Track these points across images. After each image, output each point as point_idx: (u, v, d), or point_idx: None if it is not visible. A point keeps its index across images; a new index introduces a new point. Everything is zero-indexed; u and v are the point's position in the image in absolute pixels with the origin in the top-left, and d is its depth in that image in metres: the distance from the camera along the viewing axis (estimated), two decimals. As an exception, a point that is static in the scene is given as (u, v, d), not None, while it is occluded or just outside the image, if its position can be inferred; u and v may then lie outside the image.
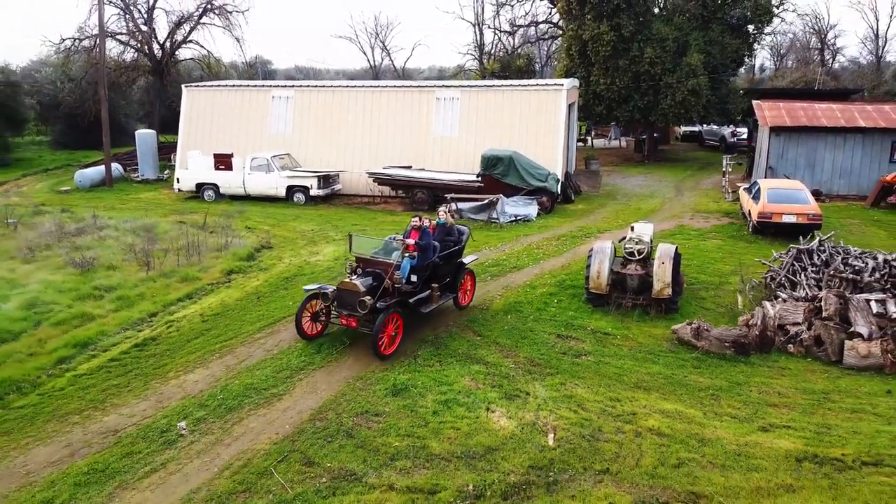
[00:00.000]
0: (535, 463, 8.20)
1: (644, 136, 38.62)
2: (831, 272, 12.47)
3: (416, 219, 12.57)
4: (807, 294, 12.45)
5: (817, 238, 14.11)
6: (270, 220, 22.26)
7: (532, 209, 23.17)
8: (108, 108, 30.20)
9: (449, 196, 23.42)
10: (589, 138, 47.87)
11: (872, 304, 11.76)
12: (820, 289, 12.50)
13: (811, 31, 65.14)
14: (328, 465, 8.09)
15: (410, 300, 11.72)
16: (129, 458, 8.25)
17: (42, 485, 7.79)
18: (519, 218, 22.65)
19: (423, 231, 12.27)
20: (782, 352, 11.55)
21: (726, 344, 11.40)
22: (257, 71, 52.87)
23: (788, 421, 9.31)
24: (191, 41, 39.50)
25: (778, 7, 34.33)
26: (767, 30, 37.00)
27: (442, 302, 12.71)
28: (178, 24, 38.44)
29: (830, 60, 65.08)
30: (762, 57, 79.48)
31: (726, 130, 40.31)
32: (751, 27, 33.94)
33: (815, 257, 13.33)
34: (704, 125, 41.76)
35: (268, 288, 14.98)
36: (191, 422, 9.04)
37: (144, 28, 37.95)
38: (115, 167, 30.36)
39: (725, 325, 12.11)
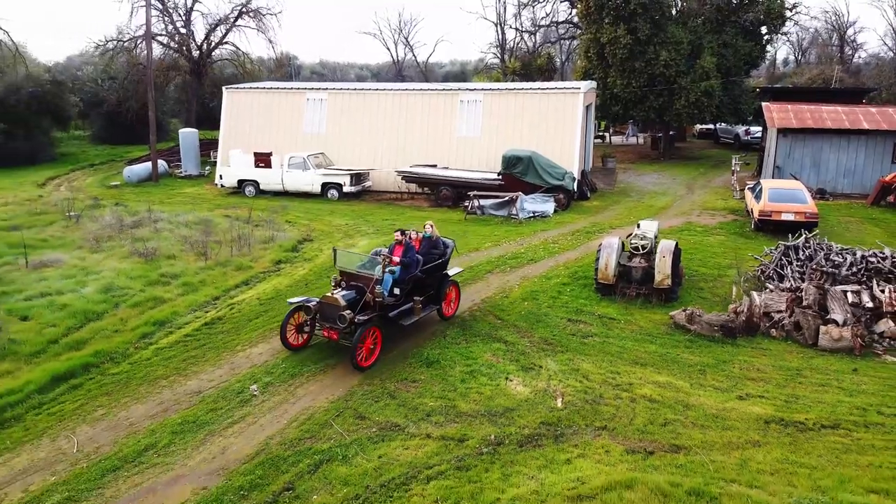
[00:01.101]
0: (545, 420, 9.94)
1: (660, 134, 39.98)
2: (813, 266, 14.03)
3: (399, 233, 13.02)
4: (791, 285, 14.03)
5: (803, 235, 15.66)
6: (308, 215, 24.12)
7: (549, 206, 24.76)
8: (144, 105, 32.15)
9: (472, 193, 25.11)
10: (607, 135, 49.16)
11: (849, 294, 13.33)
12: (804, 281, 14.06)
13: (831, 27, 65.71)
14: (376, 419, 9.91)
15: (391, 314, 12.11)
16: (214, 412, 10.12)
17: (144, 433, 9.67)
18: (537, 214, 24.27)
19: (407, 246, 12.70)
20: (766, 336, 13.17)
21: (715, 328, 13.05)
22: (290, 70, 54.78)
23: (763, 392, 10.95)
24: (226, 42, 41.57)
25: (791, 10, 35.53)
26: (783, 29, 38.06)
27: (425, 314, 13.01)
28: (215, 27, 40.51)
29: (850, 57, 65.61)
30: (785, 51, 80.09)
31: (740, 129, 41.55)
32: (764, 29, 35.12)
33: (801, 253, 14.88)
34: (720, 124, 42.96)
35: (313, 276, 16.83)
36: (261, 385, 10.90)
37: (183, 30, 39.99)
38: (160, 163, 32.44)
39: (716, 312, 13.74)
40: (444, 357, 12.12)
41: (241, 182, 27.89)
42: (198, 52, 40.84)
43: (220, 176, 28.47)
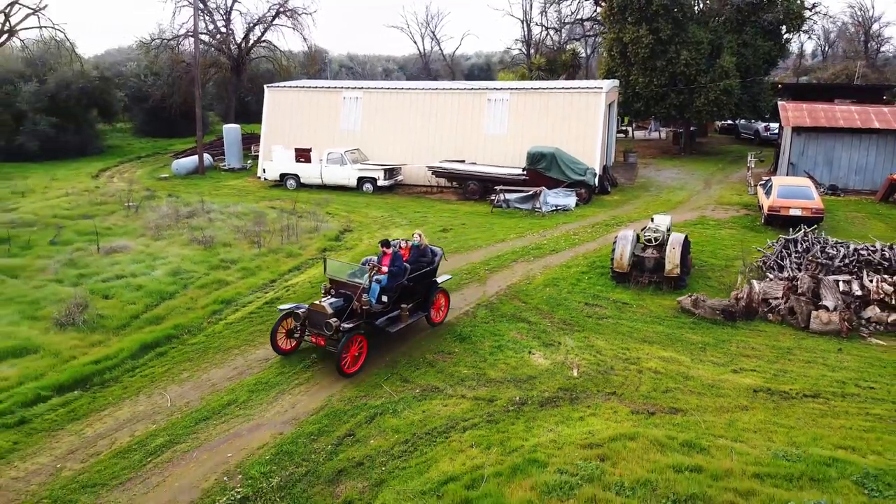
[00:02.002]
0: (563, 386, 11.61)
1: (681, 130, 41.19)
2: (809, 258, 15.47)
3: (384, 244, 13.32)
4: (789, 275, 15.49)
5: (802, 230, 17.08)
6: (346, 207, 25.92)
7: (571, 200, 26.29)
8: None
9: (498, 187, 26.72)
10: (630, 129, 50.35)
11: (840, 283, 14.78)
12: (801, 271, 15.52)
13: (856, 22, 66.04)
14: (419, 382, 11.65)
15: (377, 321, 12.48)
16: (282, 375, 11.92)
17: (225, 391, 11.49)
18: (559, 208, 25.82)
19: (395, 256, 13.03)
20: (763, 319, 14.68)
21: (717, 312, 14.58)
22: (325, 69, 56.62)
23: (755, 366, 12.50)
24: (264, 41, 43.45)
25: (811, 10, 36.52)
26: (803, 27, 38.97)
27: (412, 320, 13.28)
28: (253, 26, 42.49)
29: (875, 52, 65.91)
30: (813, 43, 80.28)
31: (760, 125, 42.59)
32: (783, 29, 36.15)
33: (799, 246, 16.32)
34: (740, 120, 44.00)
35: (356, 262, 18.56)
36: (316, 355, 12.68)
37: (223, 29, 41.99)
38: (205, 157, 34.46)
39: (719, 298, 15.26)
40: (475, 334, 13.82)
41: (282, 176, 29.80)
42: (237, 49, 42.79)
43: (264, 170, 30.41)
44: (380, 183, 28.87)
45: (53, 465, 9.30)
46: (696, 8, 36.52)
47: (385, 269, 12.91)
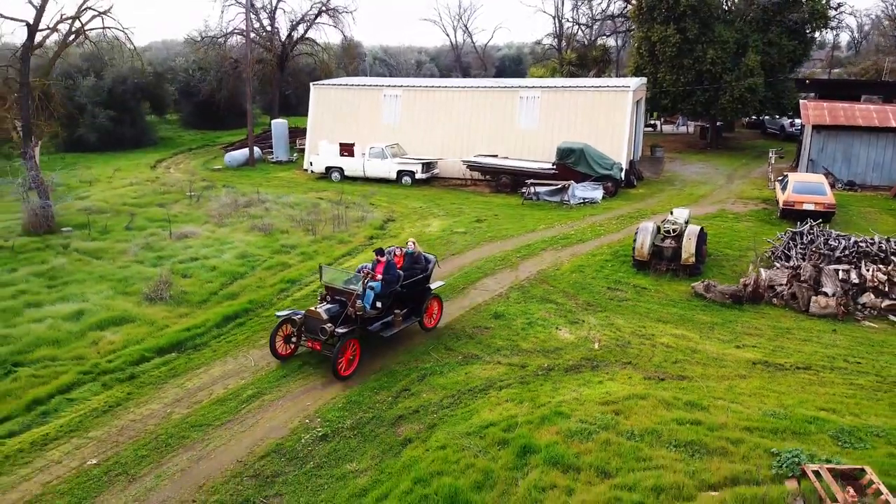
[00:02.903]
0: (585, 356, 13.45)
1: (708, 125, 42.45)
2: (812, 249, 17.05)
3: (378, 252, 13.75)
4: (794, 264, 17.09)
5: (808, 223, 18.62)
6: (388, 198, 27.90)
7: (598, 193, 27.92)
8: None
9: (528, 181, 28.46)
10: (658, 124, 51.57)
11: (840, 272, 16.36)
12: (805, 261, 17.10)
13: (889, 16, 66.09)
14: (461, 351, 13.59)
15: (371, 326, 12.95)
16: (343, 343, 13.92)
17: (300, 355, 13.51)
18: (586, 200, 27.49)
19: (389, 264, 13.45)
20: (768, 304, 16.32)
21: (726, 296, 16.27)
22: (361, 61, 58.56)
23: (756, 343, 14.20)
24: (306, 38, 45.61)
25: (836, 9, 37.52)
26: (830, 25, 39.93)
27: (406, 325, 13.72)
28: (297, 24, 44.62)
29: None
30: (846, 36, 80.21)
31: (785, 121, 43.63)
32: (808, 28, 37.20)
33: (805, 238, 17.89)
34: (765, 116, 45.04)
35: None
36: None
37: (269, 28, 44.19)
38: (255, 149, 36.75)
39: (728, 284, 16.93)
40: (508, 312, 15.70)
41: (328, 168, 31.89)
42: (281, 46, 44.99)
43: (310, 163, 32.53)
44: (418, 176, 30.78)
45: (164, 411, 11.40)
46: (722, 8, 37.67)
47: (379, 276, 13.30)
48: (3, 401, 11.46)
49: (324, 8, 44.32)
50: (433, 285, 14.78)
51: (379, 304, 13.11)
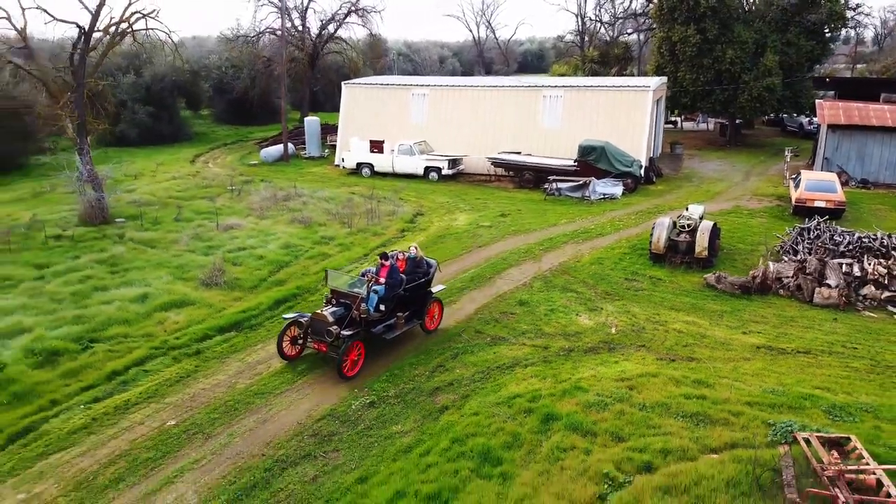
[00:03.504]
0: (603, 339, 14.75)
1: (727, 122, 43.32)
2: (818, 244, 18.18)
3: (383, 258, 14.17)
4: (801, 258, 18.23)
5: (816, 220, 19.73)
6: (416, 193, 29.31)
7: (618, 189, 29.09)
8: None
9: (551, 177, 29.69)
10: (679, 120, 52.39)
11: (843, 265, 17.48)
12: (811, 255, 18.23)
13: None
14: (489, 333, 14.97)
15: (374, 329, 13.39)
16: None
17: (339, 336, 14.95)
18: (607, 196, 28.67)
19: (392, 268, 13.91)
20: (775, 295, 17.49)
21: (736, 287, 17.46)
22: (386, 55, 59.87)
23: (761, 330, 15.41)
24: (336, 37, 47.11)
25: (854, 10, 38.21)
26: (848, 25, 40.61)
27: (408, 328, 14.15)
28: (327, 24, 46.13)
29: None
30: (871, 31, 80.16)
31: (804, 119, 44.35)
32: (826, 29, 37.96)
33: (812, 233, 19.01)
34: (783, 114, 45.75)
35: (430, 241, 21.98)
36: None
37: (300, 27, 45.74)
38: (289, 146, 38.36)
39: (738, 276, 18.11)
40: (532, 300, 17.04)
41: (358, 164, 33.38)
42: (311, 45, 46.54)
43: (342, 159, 34.05)
44: (444, 172, 32.14)
45: (229, 381, 12.90)
46: (742, 8, 38.51)
47: (382, 280, 13.79)
48: (85, 372, 13.05)
49: (353, 8, 45.79)
50: (434, 289, 15.22)
51: (382, 307, 13.57)
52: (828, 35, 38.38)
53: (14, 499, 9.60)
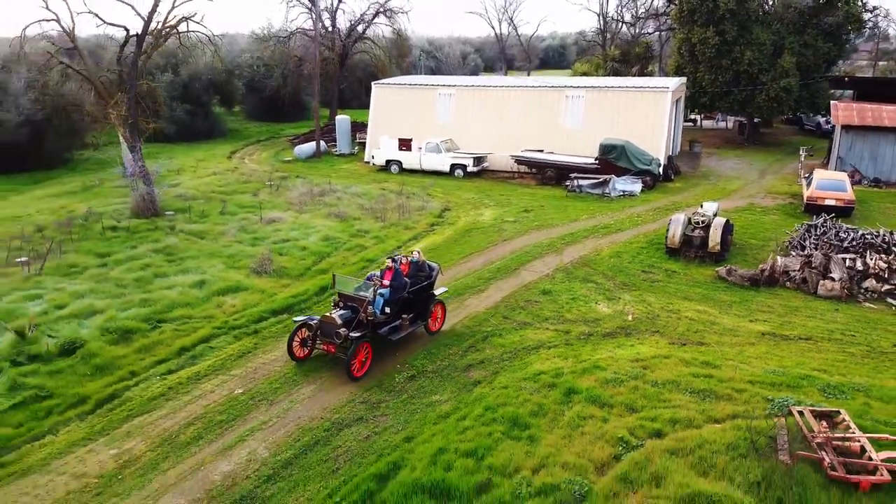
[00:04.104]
0: (620, 326, 16.14)
1: (745, 122, 44.30)
2: (824, 240, 19.39)
3: (391, 260, 14.88)
4: (808, 253, 19.45)
5: (823, 217, 20.92)
6: (443, 189, 30.78)
7: (637, 187, 30.33)
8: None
9: (572, 174, 31.00)
10: (698, 118, 53.32)
11: (846, 260, 18.69)
12: (817, 250, 19.44)
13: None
14: (515, 319, 16.42)
15: (380, 331, 13.89)
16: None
17: (379, 320, 16.47)
18: (626, 193, 29.93)
19: (396, 272, 14.44)
20: (782, 287, 18.74)
21: (745, 279, 18.74)
22: (411, 53, 61.20)
23: (767, 318, 16.70)
24: (364, 37, 48.67)
25: (871, 12, 39.00)
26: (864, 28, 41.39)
27: (412, 329, 14.68)
28: (356, 25, 47.68)
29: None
30: (893, 30, 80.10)
31: (821, 118, 45.19)
32: (843, 31, 38.81)
33: (818, 230, 20.21)
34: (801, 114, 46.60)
35: (458, 235, 23.46)
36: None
37: (330, 28, 47.33)
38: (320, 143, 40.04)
39: (747, 269, 19.38)
40: (554, 290, 18.45)
41: (387, 162, 34.94)
42: (341, 45, 48.16)
43: (372, 156, 35.64)
44: (469, 169, 33.57)
45: (285, 357, 14.40)
46: (760, 10, 39.45)
47: (387, 283, 14.34)
48: (157, 348, 14.70)
49: (381, 9, 47.31)
50: (437, 291, 15.77)
51: (388, 310, 14.10)
52: (845, 38, 39.21)
53: (107, 454, 11.22)
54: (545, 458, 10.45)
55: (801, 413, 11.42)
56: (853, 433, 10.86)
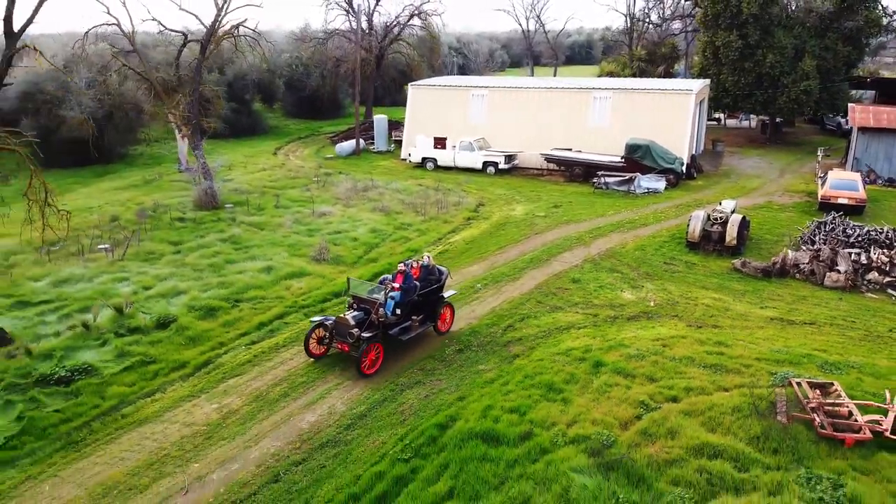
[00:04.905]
0: (642, 310, 18.08)
1: (768, 121, 45.69)
2: (832, 236, 21.12)
3: (403, 264, 15.71)
4: (817, 247, 21.19)
5: (832, 215, 22.62)
6: (476, 186, 32.81)
7: (661, 184, 32.08)
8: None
9: (599, 172, 32.84)
10: (722, 117, 54.67)
11: (852, 254, 20.42)
12: (825, 244, 21.17)
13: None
14: (548, 303, 18.43)
15: (391, 331, 14.73)
16: (457, 301, 18.86)
17: (427, 303, 18.58)
18: (650, 190, 31.69)
19: (407, 275, 15.24)
20: (792, 278, 20.52)
21: (758, 271, 20.55)
22: (449, 68, 63.14)
23: (776, 306, 18.52)
24: (399, 39, 50.81)
25: (892, 16, 40.20)
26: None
27: (422, 329, 15.48)
28: (392, 27, 49.81)
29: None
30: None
31: (842, 118, 46.41)
32: (862, 35, 40.09)
33: (827, 227, 21.94)
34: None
35: (493, 228, 25.49)
36: (481, 284, 19.62)
37: (367, 31, 49.46)
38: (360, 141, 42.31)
39: (760, 261, 21.18)
40: (582, 278, 20.41)
41: (423, 159, 37.06)
42: (377, 47, 50.34)
43: (409, 154, 37.78)
44: (501, 166, 35.55)
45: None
46: (783, 15, 40.83)
47: (398, 286, 15.23)
48: (239, 323, 16.96)
49: (416, 11, 49.38)
50: (446, 294, 16.58)
51: (398, 312, 14.95)
52: (864, 41, 40.48)
53: (210, 407, 13.45)
54: (577, 415, 12.46)
55: (798, 384, 13.27)
56: (843, 400, 12.73)
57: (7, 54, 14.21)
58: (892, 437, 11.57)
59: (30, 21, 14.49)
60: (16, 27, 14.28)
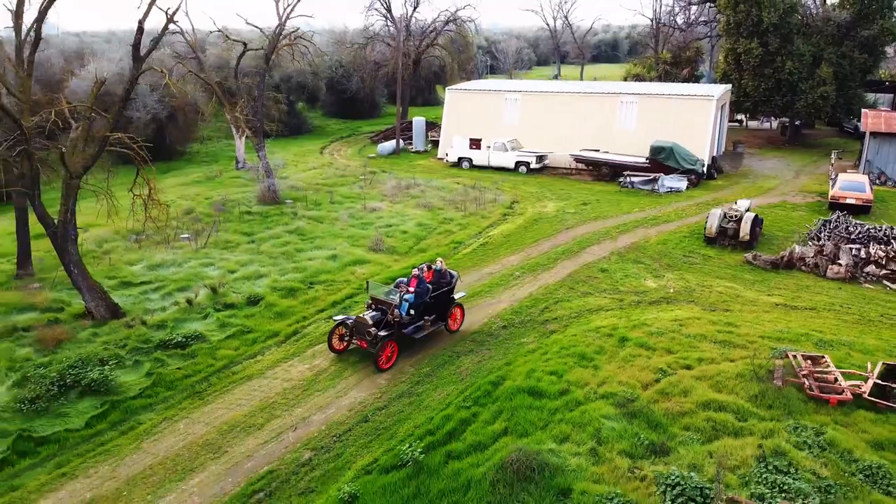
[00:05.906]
0: (663, 296, 20.66)
1: (788, 123, 47.75)
2: (836, 233, 23.51)
3: (417, 269, 16.94)
4: (822, 243, 23.59)
5: (836, 214, 25.00)
6: (510, 184, 35.47)
7: (683, 184, 34.46)
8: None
9: (625, 172, 35.31)
10: (744, 119, 56.63)
11: (853, 249, 22.80)
12: (829, 240, 23.56)
13: None
14: (579, 290, 21.10)
15: (405, 330, 16.02)
16: (499, 285, 21.59)
17: (476, 286, 21.30)
18: (673, 190, 34.10)
19: (420, 279, 16.48)
20: (798, 270, 22.94)
21: (767, 263, 23.02)
22: (481, 70, 65.73)
23: (781, 293, 20.99)
24: (435, 44, 53.62)
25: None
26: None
27: (434, 328, 16.87)
28: (428, 33, 52.60)
29: None
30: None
31: (859, 122, 48.27)
32: (878, 44, 42.05)
33: (832, 225, 24.34)
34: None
35: (527, 223, 28.16)
36: (519, 272, 22.33)
37: (405, 36, 52.31)
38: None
39: (770, 255, 23.62)
40: (610, 268, 23.03)
41: (459, 158, 39.81)
42: (415, 52, 53.19)
43: (446, 153, 40.57)
44: (532, 166, 38.17)
45: (406, 311, 19.40)
46: (801, 24, 42.89)
47: (412, 289, 16.55)
48: (315, 301, 19.86)
49: (451, 17, 52.10)
50: (456, 295, 17.92)
51: (412, 312, 16.26)
52: (880, 49, 42.44)
53: (303, 367, 16.32)
54: (605, 378, 15.14)
55: (794, 356, 15.78)
56: (831, 369, 15.24)
57: (134, 74, 17.18)
58: (870, 398, 14.05)
59: (153, 47, 17.45)
60: (141, 52, 17.24)
